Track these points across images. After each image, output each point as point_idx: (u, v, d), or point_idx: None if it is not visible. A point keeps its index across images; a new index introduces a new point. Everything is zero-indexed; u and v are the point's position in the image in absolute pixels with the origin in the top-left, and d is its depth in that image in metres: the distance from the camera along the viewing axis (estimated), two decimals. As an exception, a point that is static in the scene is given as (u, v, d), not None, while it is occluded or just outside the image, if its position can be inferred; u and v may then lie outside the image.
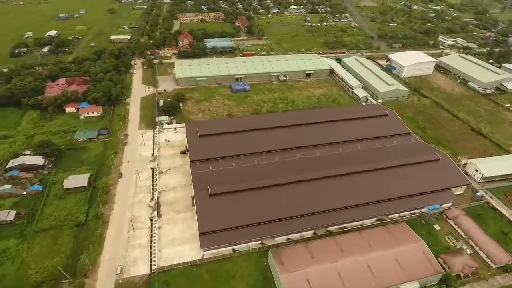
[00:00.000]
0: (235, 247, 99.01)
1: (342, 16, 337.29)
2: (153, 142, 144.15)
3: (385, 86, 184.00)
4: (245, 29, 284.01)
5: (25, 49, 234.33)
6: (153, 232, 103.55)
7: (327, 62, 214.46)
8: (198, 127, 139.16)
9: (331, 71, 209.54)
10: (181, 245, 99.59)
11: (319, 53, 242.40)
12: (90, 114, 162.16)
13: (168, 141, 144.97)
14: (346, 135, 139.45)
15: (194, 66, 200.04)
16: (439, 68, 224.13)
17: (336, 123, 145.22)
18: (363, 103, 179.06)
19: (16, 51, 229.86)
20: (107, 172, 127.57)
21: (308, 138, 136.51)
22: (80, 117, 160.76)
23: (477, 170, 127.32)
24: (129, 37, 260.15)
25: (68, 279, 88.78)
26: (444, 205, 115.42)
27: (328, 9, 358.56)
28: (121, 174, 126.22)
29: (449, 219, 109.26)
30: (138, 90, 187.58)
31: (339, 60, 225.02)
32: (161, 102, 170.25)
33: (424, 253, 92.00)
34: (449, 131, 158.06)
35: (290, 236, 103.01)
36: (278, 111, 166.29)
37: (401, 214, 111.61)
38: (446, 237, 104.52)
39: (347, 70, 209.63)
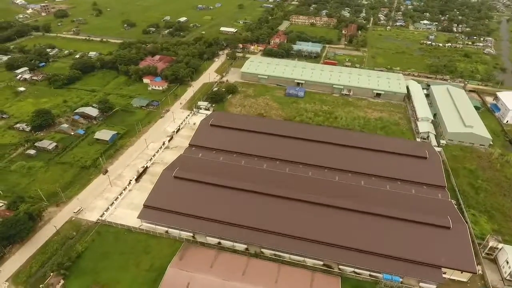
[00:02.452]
0: (169, 230, 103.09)
1: (482, 39, 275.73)
2: (182, 122, 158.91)
3: (459, 127, 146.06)
4: (348, 38, 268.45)
5: (154, 29, 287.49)
6: (123, 191, 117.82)
7: (409, 85, 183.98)
8: (214, 117, 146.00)
9: (409, 97, 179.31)
10: (133, 210, 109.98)
11: (413, 75, 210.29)
12: (156, 87, 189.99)
13: (194, 123, 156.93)
14: (354, 165, 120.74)
15: (263, 64, 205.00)
16: None
17: (352, 150, 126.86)
18: (420, 139, 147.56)
19: (148, 29, 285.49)
20: (132, 135, 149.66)
21: (310, 156, 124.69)
22: (148, 88, 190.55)
23: (507, 262, 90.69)
24: (235, 30, 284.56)
25: (44, 202, 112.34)
26: (423, 285, 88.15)
27: (467, 29, 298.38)
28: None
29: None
30: (207, 76, 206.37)
31: (428, 86, 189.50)
32: (214, 89, 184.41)
33: (329, 319, 75.03)
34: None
35: (222, 242, 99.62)
36: (307, 123, 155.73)
37: (357, 270, 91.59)
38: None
39: (428, 99, 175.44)
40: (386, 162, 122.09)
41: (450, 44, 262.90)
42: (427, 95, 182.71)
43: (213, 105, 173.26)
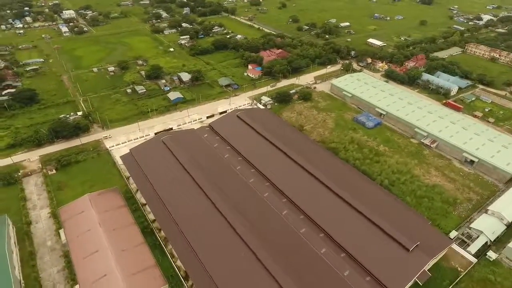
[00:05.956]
0: (131, 177, 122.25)
1: None
2: (234, 107, 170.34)
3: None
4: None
5: (308, 27, 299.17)
6: (140, 138, 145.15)
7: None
8: (247, 110, 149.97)
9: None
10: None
11: None
12: (250, 75, 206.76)
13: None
14: (315, 211, 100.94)
15: (360, 82, 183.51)
16: None
17: (333, 196, 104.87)
18: (457, 234, 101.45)
19: (303, 27, 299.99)
20: (193, 103, 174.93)
21: (285, 182, 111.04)
22: (244, 73, 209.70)
23: None
24: (382, 44, 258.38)
25: (99, 123, 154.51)
26: None
27: None
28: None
29: None
30: (303, 78, 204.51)
31: None
32: (291, 91, 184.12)
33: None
34: None
35: (149, 206, 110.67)
36: (336, 153, 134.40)
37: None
38: None
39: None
40: (352, 227, 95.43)
41: None
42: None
43: (275, 103, 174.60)
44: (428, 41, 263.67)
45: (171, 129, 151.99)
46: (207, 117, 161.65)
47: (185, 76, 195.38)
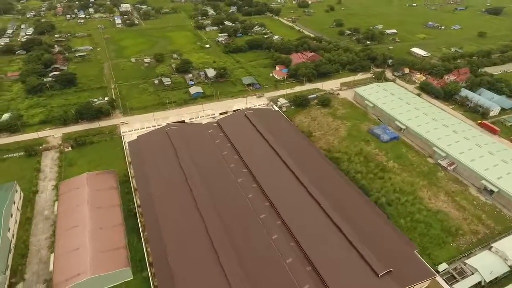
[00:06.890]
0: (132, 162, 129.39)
1: None
2: (249, 106, 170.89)
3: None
4: None
5: (350, 32, 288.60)
6: (152, 126, 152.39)
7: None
8: (255, 110, 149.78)
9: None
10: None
11: None
12: (275, 76, 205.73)
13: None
14: (292, 218, 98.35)
15: (386, 92, 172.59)
16: None
17: (315, 206, 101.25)
18: (448, 268, 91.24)
19: (344, 31, 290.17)
20: (211, 99, 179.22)
21: (273, 189, 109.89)
22: (270, 74, 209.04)
23: None
24: (425, 54, 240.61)
25: (120, 110, 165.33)
26: None
27: None
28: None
29: None
30: (328, 83, 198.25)
31: None
32: (311, 96, 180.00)
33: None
34: None
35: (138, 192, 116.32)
36: (338, 163, 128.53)
37: None
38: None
39: None
40: (326, 241, 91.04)
41: None
42: None
43: (292, 106, 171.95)
44: (482, 55, 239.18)
45: (183, 121, 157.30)
46: (220, 114, 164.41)
47: (211, 72, 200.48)
